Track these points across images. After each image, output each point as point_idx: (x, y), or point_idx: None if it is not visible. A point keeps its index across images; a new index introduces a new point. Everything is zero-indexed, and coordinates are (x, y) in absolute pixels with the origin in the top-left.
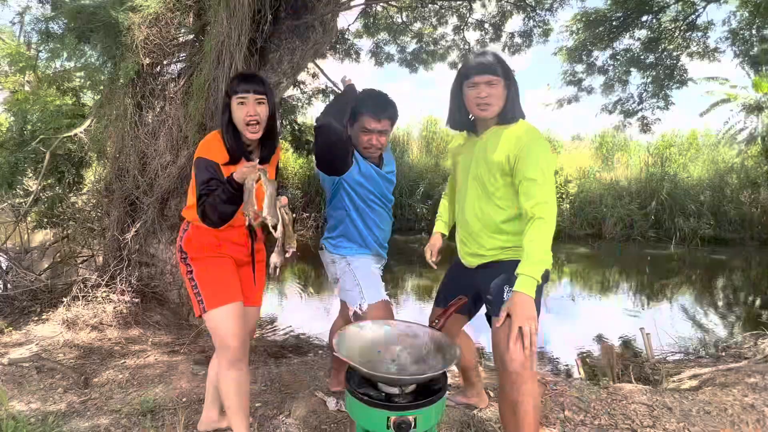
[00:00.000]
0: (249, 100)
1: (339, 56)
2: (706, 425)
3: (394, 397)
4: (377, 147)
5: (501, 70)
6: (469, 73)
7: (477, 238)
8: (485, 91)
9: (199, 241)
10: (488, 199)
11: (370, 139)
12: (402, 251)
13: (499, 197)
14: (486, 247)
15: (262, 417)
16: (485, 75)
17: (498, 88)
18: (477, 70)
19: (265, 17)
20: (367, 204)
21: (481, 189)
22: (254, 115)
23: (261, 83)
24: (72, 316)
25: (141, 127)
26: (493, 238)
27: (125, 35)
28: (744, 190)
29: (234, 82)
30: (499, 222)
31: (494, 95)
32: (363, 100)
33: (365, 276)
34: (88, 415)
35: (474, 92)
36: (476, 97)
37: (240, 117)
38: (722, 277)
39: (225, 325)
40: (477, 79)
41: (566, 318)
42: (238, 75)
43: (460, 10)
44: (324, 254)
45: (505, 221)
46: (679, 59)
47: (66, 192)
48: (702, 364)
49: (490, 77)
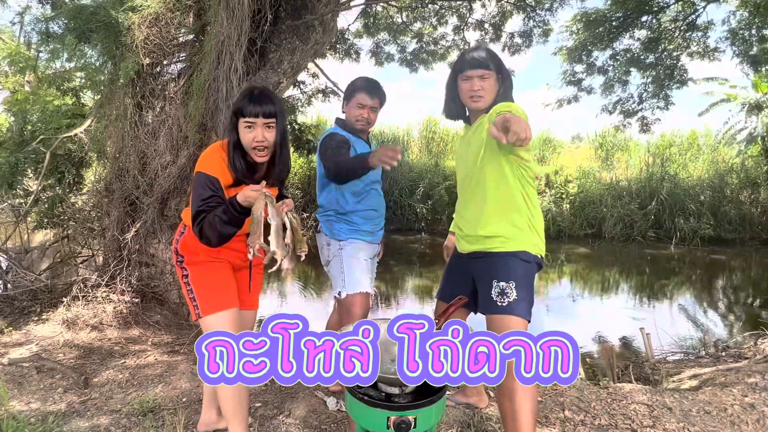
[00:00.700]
0: (257, 125)
1: (339, 56)
2: (706, 425)
3: (394, 396)
4: (368, 121)
5: (493, 64)
6: (463, 67)
7: (471, 221)
8: (478, 84)
9: (195, 244)
10: (479, 182)
11: (363, 113)
12: (402, 251)
13: (489, 179)
14: (478, 234)
15: (262, 417)
16: (478, 69)
17: (490, 81)
18: (471, 64)
19: (265, 17)
20: (366, 184)
21: (474, 172)
22: (262, 140)
23: (271, 104)
24: (72, 316)
25: (141, 127)
26: (484, 222)
27: (125, 35)
28: (744, 190)
29: (243, 102)
30: (489, 205)
31: (486, 88)
32: (357, 82)
33: (351, 265)
34: (88, 415)
35: (467, 85)
36: (469, 89)
37: (248, 141)
38: (722, 277)
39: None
40: (470, 73)
41: (566, 318)
42: (248, 93)
43: (460, 10)
44: (320, 237)
45: (493, 205)
46: (679, 59)
47: (66, 192)
48: (702, 364)
49: (483, 71)
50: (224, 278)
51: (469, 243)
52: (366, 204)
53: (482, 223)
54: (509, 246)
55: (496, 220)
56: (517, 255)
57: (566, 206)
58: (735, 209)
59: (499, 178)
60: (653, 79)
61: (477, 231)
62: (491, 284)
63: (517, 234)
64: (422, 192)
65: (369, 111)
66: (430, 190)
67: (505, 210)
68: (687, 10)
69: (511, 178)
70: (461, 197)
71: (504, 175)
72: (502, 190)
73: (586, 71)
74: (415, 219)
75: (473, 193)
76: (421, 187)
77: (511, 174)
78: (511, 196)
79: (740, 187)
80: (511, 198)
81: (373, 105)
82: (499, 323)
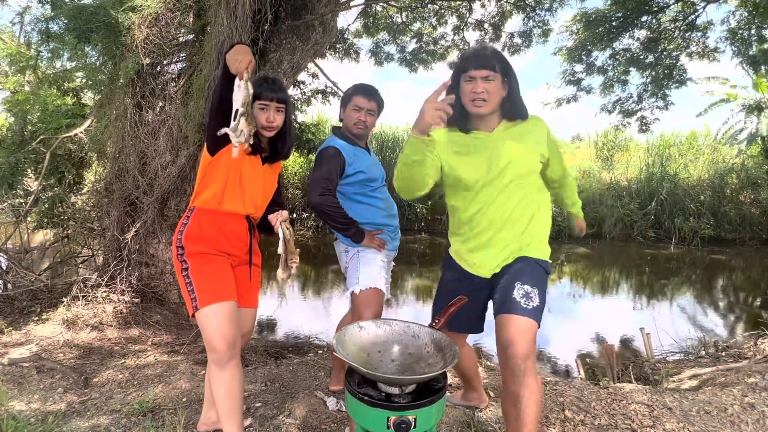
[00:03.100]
0: (270, 108)
1: (339, 56)
2: (706, 425)
3: (394, 397)
4: (366, 124)
5: (499, 66)
6: (467, 66)
7: (502, 237)
8: (481, 86)
9: (199, 233)
10: (521, 192)
11: (360, 116)
12: (402, 251)
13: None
14: (512, 246)
15: (262, 417)
16: (483, 69)
17: (495, 84)
18: (475, 63)
19: (265, 17)
20: (373, 190)
21: (512, 184)
22: (272, 121)
23: (283, 92)
24: (72, 316)
25: (141, 127)
26: (517, 232)
27: (125, 35)
28: (744, 190)
29: (260, 87)
30: (527, 215)
31: (490, 91)
32: (353, 87)
33: (367, 263)
34: (88, 415)
35: (470, 86)
36: (472, 91)
37: (260, 120)
38: (722, 277)
39: (214, 324)
40: (474, 73)
41: (566, 318)
42: (264, 79)
43: (460, 10)
44: (338, 244)
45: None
46: (679, 59)
47: (66, 192)
48: (702, 364)
49: (488, 72)
50: (223, 272)
51: (499, 260)
52: (385, 206)
53: (515, 234)
54: (535, 252)
55: (536, 231)
56: (540, 263)
57: None
58: (735, 209)
59: (535, 192)
60: (652, 79)
61: (511, 246)
62: (514, 285)
63: (543, 240)
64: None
65: (366, 114)
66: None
67: (545, 222)
68: (687, 11)
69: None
70: (479, 205)
71: (536, 188)
72: (543, 207)
73: (586, 71)
74: (414, 219)
75: (504, 208)
76: None
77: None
78: (547, 208)
79: (740, 187)
80: (547, 210)
81: (370, 108)
82: (523, 324)
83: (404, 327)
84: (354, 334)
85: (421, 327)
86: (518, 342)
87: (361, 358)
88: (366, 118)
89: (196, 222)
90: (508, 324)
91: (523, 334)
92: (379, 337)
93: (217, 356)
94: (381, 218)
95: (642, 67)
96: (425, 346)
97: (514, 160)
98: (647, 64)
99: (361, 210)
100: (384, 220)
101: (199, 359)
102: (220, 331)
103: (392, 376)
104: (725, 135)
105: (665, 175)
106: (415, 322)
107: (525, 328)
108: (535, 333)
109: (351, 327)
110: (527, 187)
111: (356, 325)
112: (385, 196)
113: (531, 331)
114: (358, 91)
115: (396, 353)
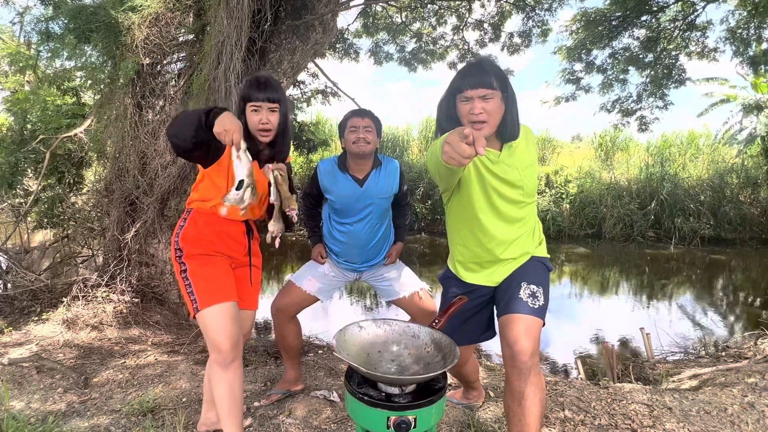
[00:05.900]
0: (262, 109)
1: (338, 56)
2: (706, 425)
3: (394, 397)
4: (366, 141)
5: (497, 82)
6: (462, 86)
7: (501, 249)
8: (479, 106)
9: (196, 235)
10: (529, 209)
11: (358, 135)
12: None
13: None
14: (511, 257)
15: (262, 417)
16: (479, 89)
17: (494, 103)
18: (470, 83)
19: (265, 17)
20: (340, 224)
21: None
22: (266, 122)
23: (275, 91)
24: (72, 316)
25: (141, 127)
26: (512, 246)
27: (125, 35)
28: (744, 190)
29: (249, 89)
30: (516, 228)
31: (490, 111)
32: (346, 114)
33: (310, 265)
34: (88, 415)
35: (467, 107)
36: (470, 113)
37: (254, 123)
38: (722, 277)
39: (216, 324)
40: (470, 93)
41: (566, 318)
42: (254, 81)
43: (459, 10)
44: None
45: (520, 227)
46: (678, 59)
47: (66, 192)
48: (702, 364)
49: (485, 91)
50: (223, 272)
51: (502, 270)
52: (346, 240)
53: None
54: (537, 251)
55: (537, 233)
56: (543, 261)
57: (566, 206)
58: (735, 209)
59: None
60: (652, 79)
61: (511, 258)
62: (520, 285)
63: (542, 240)
64: (422, 192)
65: (363, 131)
66: (430, 190)
67: (539, 224)
68: (686, 10)
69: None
70: (478, 222)
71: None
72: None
73: (585, 70)
74: (414, 219)
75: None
76: (421, 187)
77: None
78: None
79: (740, 187)
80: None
81: (365, 125)
82: (531, 323)
83: (404, 327)
84: (354, 333)
85: (421, 327)
86: (526, 340)
87: (361, 358)
88: (365, 135)
89: (193, 224)
90: (515, 323)
91: (531, 332)
92: (379, 337)
93: (221, 357)
94: (336, 248)
95: (641, 66)
96: (425, 346)
97: (524, 187)
98: (646, 64)
99: (325, 230)
100: (339, 252)
101: (199, 359)
102: (221, 332)
103: (392, 376)
104: (725, 135)
105: (665, 175)
106: (415, 322)
107: (532, 327)
108: (540, 331)
109: (351, 327)
110: (531, 199)
111: (356, 325)
112: (346, 239)
113: (537, 329)
114: (351, 114)
115: (396, 353)
